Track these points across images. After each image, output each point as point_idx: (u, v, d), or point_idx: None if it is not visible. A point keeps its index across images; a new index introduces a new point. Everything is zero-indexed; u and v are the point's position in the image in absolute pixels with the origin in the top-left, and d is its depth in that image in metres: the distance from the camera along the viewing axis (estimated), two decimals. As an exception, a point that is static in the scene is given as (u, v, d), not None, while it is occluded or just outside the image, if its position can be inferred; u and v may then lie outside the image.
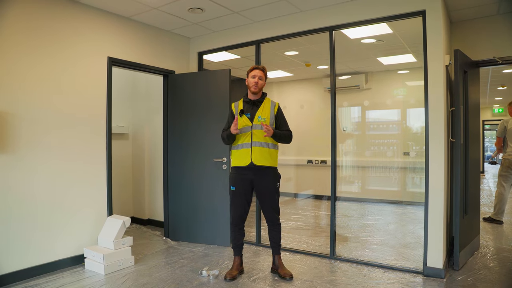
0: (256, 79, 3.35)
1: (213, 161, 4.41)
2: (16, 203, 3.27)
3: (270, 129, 3.19)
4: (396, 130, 6.99)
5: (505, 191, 5.31)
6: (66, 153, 3.66)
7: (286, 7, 4.01)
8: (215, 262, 3.86)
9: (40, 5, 3.45)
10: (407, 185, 6.80)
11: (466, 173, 3.78)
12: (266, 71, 3.44)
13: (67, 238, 3.66)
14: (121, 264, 3.65)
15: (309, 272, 3.56)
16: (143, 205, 5.62)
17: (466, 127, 3.77)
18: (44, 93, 3.48)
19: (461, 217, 3.60)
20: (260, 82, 3.36)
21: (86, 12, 3.83)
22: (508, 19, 4.01)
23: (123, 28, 4.23)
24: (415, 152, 6.54)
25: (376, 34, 4.66)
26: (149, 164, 5.56)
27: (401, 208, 6.49)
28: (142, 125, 5.65)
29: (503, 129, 5.46)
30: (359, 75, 6.86)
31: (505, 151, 5.45)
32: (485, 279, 3.32)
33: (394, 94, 6.93)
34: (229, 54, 5.27)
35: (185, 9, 4.04)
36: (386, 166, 6.86)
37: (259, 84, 3.35)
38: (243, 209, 3.39)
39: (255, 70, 3.38)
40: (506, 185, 5.32)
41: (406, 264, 3.68)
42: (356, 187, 7.22)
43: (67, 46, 3.67)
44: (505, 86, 8.69)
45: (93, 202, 3.90)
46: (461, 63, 3.58)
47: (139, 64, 4.40)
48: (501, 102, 12.32)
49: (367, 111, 7.35)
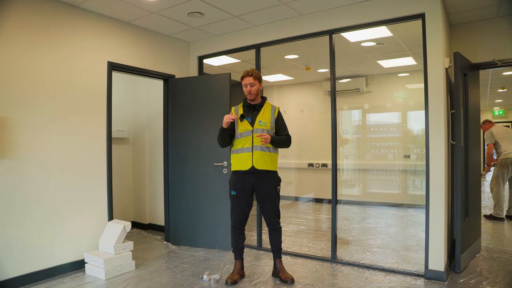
0: (248, 88, 3.34)
1: (214, 165, 4.41)
2: (16, 208, 3.27)
3: (268, 137, 3.20)
4: (396, 133, 6.99)
5: (502, 190, 5.62)
6: (66, 158, 3.66)
7: (286, 11, 4.02)
8: (216, 266, 3.84)
9: (40, 10, 3.46)
10: (408, 187, 6.79)
11: (466, 175, 3.77)
12: (257, 74, 3.36)
13: (68, 243, 3.65)
14: (122, 269, 3.64)
15: (310, 276, 3.55)
16: (143, 210, 5.61)
17: (466, 130, 3.76)
18: (44, 98, 3.49)
19: (462, 219, 3.59)
20: (253, 88, 3.33)
21: (86, 17, 3.85)
22: (507, 22, 4.02)
23: (123, 32, 4.24)
24: (415, 154, 6.54)
25: (376, 37, 4.67)
26: (150, 169, 5.56)
27: (402, 211, 6.47)
28: (143, 130, 5.66)
29: (491, 136, 5.83)
30: (360, 78, 6.87)
31: (499, 152, 5.74)
32: (487, 281, 3.31)
33: (395, 97, 6.94)
34: (229, 58, 5.28)
35: (185, 14, 4.05)
36: (387, 169, 6.85)
37: (252, 91, 3.34)
38: (243, 213, 3.38)
39: (245, 78, 3.35)
40: (502, 183, 5.64)
41: (407, 267, 3.67)
42: (357, 190, 7.21)
43: (67, 51, 3.67)
44: (505, 89, 8.68)
45: (93, 207, 3.89)
46: (461, 66, 3.58)
47: (139, 69, 4.41)
48: (501, 105, 12.33)
49: (368, 114, 7.36)
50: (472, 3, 3.72)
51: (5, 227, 3.20)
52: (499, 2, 3.69)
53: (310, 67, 6.50)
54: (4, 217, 3.19)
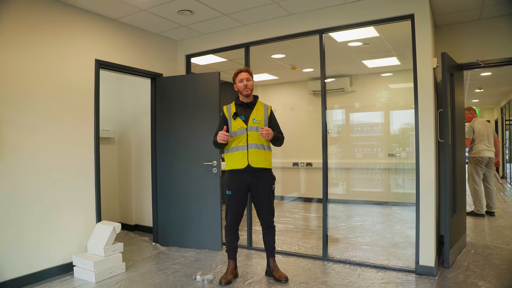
0: (244, 82, 3.33)
1: (203, 165, 4.37)
2: (2, 211, 3.14)
3: (270, 132, 3.21)
4: (380, 132, 7.10)
5: (478, 186, 5.80)
6: (53, 158, 3.55)
7: (277, 10, 4.03)
8: (208, 266, 3.81)
9: (26, 6, 3.34)
10: (392, 186, 6.92)
11: (454, 172, 3.87)
12: (251, 71, 3.43)
13: (55, 246, 3.54)
14: (112, 271, 3.56)
15: (303, 274, 3.56)
16: (130, 211, 5.51)
17: (453, 128, 3.86)
18: (31, 97, 3.37)
19: (451, 215, 3.68)
20: (249, 83, 3.35)
21: (74, 14, 3.74)
22: (489, 24, 4.15)
23: (110, 30, 4.15)
24: (399, 153, 6.67)
25: (363, 37, 4.73)
26: (136, 169, 5.46)
27: (387, 209, 6.59)
28: (128, 129, 5.55)
29: (471, 132, 5.94)
30: (344, 78, 6.94)
31: (471, 149, 5.95)
32: (475, 275, 3.40)
33: (378, 96, 7.06)
34: (216, 57, 5.25)
35: (174, 11, 4.00)
36: (371, 167, 6.96)
37: (249, 85, 3.34)
38: (239, 213, 3.36)
39: (241, 74, 3.37)
40: (478, 180, 5.82)
41: (398, 263, 3.73)
42: (341, 188, 7.30)
43: (54, 48, 3.57)
44: (482, 89, 8.98)
45: (81, 208, 3.79)
46: (448, 66, 3.68)
47: (127, 67, 4.33)
48: (477, 104, 12.76)
49: (352, 114, 7.46)
50: (457, 5, 3.83)
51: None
52: (482, 5, 3.81)
53: (296, 67, 6.53)
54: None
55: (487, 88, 8.94)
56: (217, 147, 3.39)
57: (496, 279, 3.31)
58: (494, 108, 13.20)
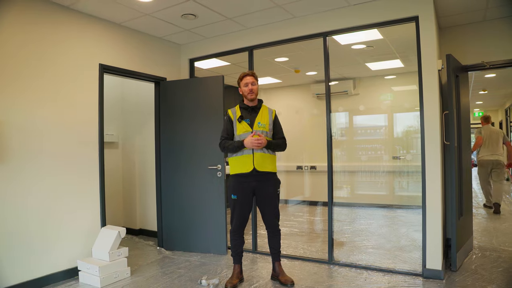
0: (249, 86, 3.33)
1: (208, 169, 4.36)
2: (6, 216, 3.14)
3: (264, 141, 3.18)
4: (384, 134, 7.08)
5: (484, 184, 6.58)
6: (58, 163, 3.55)
7: (281, 14, 4.03)
8: (213, 270, 3.79)
9: (31, 11, 3.36)
10: (396, 189, 6.89)
11: (460, 175, 3.84)
12: (256, 75, 3.42)
13: (60, 251, 3.53)
14: (117, 276, 3.55)
15: (309, 278, 3.54)
16: (134, 215, 5.50)
17: (459, 130, 3.84)
18: (35, 101, 3.38)
19: (457, 218, 3.65)
20: (254, 87, 3.34)
21: (78, 18, 3.76)
22: (494, 25, 4.13)
23: (114, 34, 4.16)
24: (403, 156, 6.64)
25: (367, 39, 4.73)
26: (140, 173, 5.45)
27: (392, 212, 6.55)
28: (132, 133, 5.55)
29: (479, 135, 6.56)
30: (347, 80, 6.93)
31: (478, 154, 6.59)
32: (483, 279, 3.37)
33: (382, 99, 7.04)
34: (219, 61, 5.25)
35: (178, 15, 4.01)
36: (375, 170, 6.93)
37: (254, 89, 3.34)
38: (244, 217, 3.35)
39: (246, 77, 3.36)
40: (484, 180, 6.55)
41: (404, 267, 3.70)
42: (345, 192, 7.27)
43: (59, 53, 3.58)
44: (486, 91, 8.94)
45: (86, 213, 3.79)
46: (453, 68, 3.66)
47: (131, 71, 4.33)
48: (481, 106, 12.68)
49: (355, 117, 7.44)
50: (461, 7, 3.81)
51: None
52: (486, 6, 3.80)
53: (300, 70, 6.53)
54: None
55: (491, 89, 8.90)
56: (231, 150, 3.31)
57: (505, 283, 3.27)
58: (499, 110, 13.11)
